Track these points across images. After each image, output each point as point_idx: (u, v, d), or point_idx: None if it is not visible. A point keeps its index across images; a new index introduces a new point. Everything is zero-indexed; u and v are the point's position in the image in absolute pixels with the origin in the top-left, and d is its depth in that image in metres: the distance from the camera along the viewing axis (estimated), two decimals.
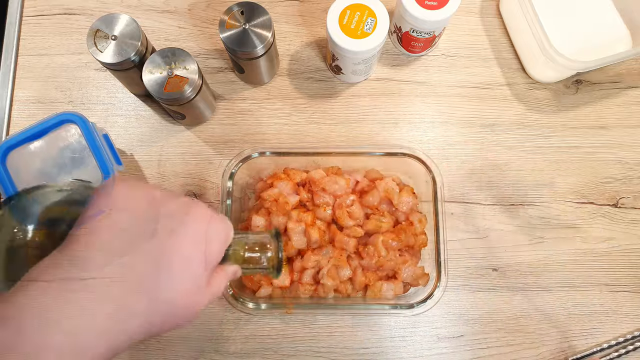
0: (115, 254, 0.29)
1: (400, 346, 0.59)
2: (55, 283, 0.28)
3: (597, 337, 0.59)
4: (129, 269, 0.29)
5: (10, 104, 0.64)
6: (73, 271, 0.28)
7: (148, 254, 0.30)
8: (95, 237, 0.30)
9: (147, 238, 0.31)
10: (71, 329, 0.27)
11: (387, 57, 0.66)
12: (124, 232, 0.30)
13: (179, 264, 0.31)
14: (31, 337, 0.26)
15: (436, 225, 0.54)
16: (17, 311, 0.26)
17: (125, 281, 0.29)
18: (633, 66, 0.66)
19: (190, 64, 0.54)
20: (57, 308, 0.27)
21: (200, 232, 0.33)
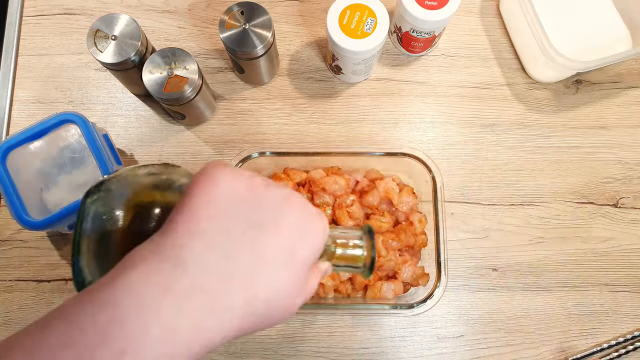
0: (216, 243, 0.27)
1: (400, 346, 0.59)
2: (155, 271, 0.26)
3: (597, 337, 0.59)
4: (228, 262, 0.27)
5: (10, 104, 0.64)
6: (173, 257, 0.26)
7: (248, 246, 0.28)
8: (195, 224, 0.28)
9: (249, 228, 0.28)
10: (169, 323, 0.25)
11: (387, 57, 0.66)
12: (224, 221, 0.28)
13: (280, 260, 0.29)
14: (129, 327, 0.24)
15: (436, 225, 0.54)
16: (116, 296, 0.25)
17: (223, 275, 0.27)
18: (633, 66, 0.66)
19: (190, 64, 0.54)
20: (156, 298, 0.25)
21: (303, 227, 0.30)
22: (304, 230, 0.30)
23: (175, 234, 0.27)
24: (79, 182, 0.53)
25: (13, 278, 0.60)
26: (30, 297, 0.59)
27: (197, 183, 0.29)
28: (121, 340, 0.24)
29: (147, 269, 0.26)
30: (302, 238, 0.30)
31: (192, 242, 0.27)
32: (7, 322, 0.59)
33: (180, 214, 0.28)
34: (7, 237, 0.61)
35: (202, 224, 0.28)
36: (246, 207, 0.29)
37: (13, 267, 0.60)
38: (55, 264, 0.60)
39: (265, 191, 0.30)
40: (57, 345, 0.23)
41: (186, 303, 0.26)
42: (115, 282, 0.26)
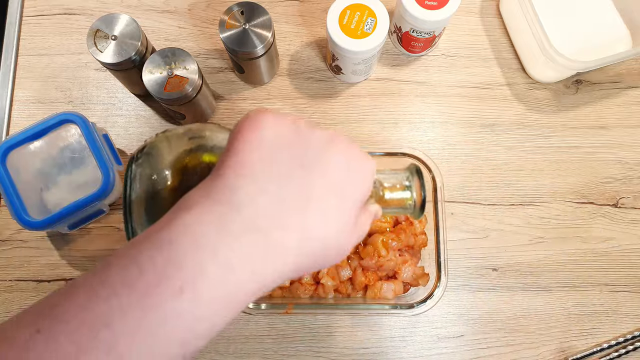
0: (267, 185, 0.27)
1: (400, 346, 0.59)
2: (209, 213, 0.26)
3: (597, 337, 0.59)
4: (279, 201, 0.27)
5: (10, 104, 0.64)
6: (226, 200, 0.27)
7: (298, 186, 0.28)
8: (245, 168, 0.28)
9: (297, 169, 0.28)
10: (225, 262, 0.25)
11: (387, 57, 0.66)
12: (274, 161, 0.28)
13: (330, 199, 0.29)
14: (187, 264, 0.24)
15: (436, 225, 0.54)
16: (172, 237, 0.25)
17: (276, 214, 0.27)
18: (633, 66, 0.66)
19: (190, 64, 0.54)
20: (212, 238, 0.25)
21: (350, 166, 0.30)
22: (352, 170, 0.30)
23: (226, 178, 0.27)
24: (79, 182, 0.53)
25: (13, 278, 0.60)
26: (30, 297, 0.59)
27: (241, 129, 0.29)
28: (178, 279, 0.24)
29: (201, 210, 0.26)
30: (350, 177, 0.30)
31: (243, 184, 0.27)
32: None
33: (228, 159, 0.28)
34: (7, 237, 0.61)
35: (251, 167, 0.28)
36: (293, 149, 0.29)
37: (13, 267, 0.60)
38: (55, 264, 0.60)
39: (310, 133, 0.30)
40: (120, 285, 0.24)
41: (241, 242, 0.26)
42: (171, 224, 0.26)
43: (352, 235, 0.31)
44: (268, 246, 0.27)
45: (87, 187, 0.53)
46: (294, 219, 0.28)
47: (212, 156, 0.32)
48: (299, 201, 0.28)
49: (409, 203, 0.36)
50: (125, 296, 0.24)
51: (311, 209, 0.28)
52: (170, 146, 0.34)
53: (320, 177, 0.29)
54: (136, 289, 0.24)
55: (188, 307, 0.24)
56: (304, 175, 0.28)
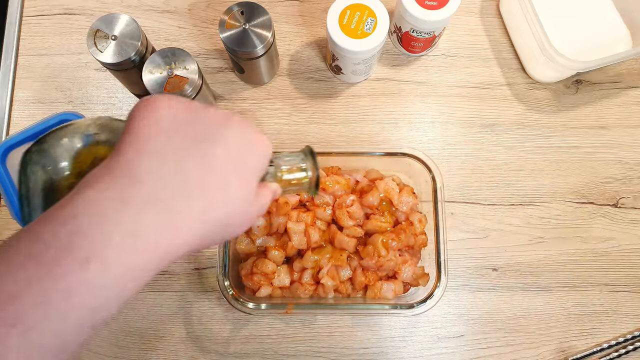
0: (166, 158, 0.29)
1: (400, 346, 0.59)
2: (110, 186, 0.27)
3: (597, 337, 0.59)
4: (181, 173, 0.29)
5: (10, 104, 0.64)
6: (127, 174, 0.27)
7: (198, 158, 0.29)
8: (143, 144, 0.29)
9: (196, 143, 0.30)
10: (130, 231, 0.26)
11: (387, 57, 0.66)
12: (171, 137, 0.29)
13: (229, 169, 0.30)
14: (92, 235, 0.25)
15: (436, 225, 0.54)
16: (75, 210, 0.26)
17: (178, 185, 0.28)
18: (633, 66, 0.66)
19: (190, 64, 0.54)
20: (116, 209, 0.26)
21: (245, 139, 0.32)
22: (249, 141, 0.32)
23: (126, 154, 0.28)
24: None
25: None
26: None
27: (138, 110, 0.30)
28: (85, 249, 0.25)
29: (104, 185, 0.27)
30: (247, 150, 0.32)
31: (143, 159, 0.28)
32: None
33: (127, 137, 0.29)
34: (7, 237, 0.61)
35: (150, 142, 0.29)
36: (190, 125, 0.30)
37: None
38: None
39: (206, 111, 0.31)
40: (26, 259, 0.24)
41: (146, 212, 0.27)
42: (73, 200, 0.26)
43: (253, 205, 0.33)
44: (172, 214, 0.28)
45: None
46: (195, 188, 0.29)
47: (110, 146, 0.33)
48: (200, 171, 0.29)
49: (304, 182, 0.38)
50: (31, 270, 0.24)
51: (212, 178, 0.30)
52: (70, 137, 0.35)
53: (219, 150, 0.30)
54: (43, 262, 0.24)
55: (95, 276, 0.25)
56: (202, 148, 0.30)
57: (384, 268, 0.54)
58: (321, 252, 0.54)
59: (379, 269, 0.55)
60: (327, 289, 0.54)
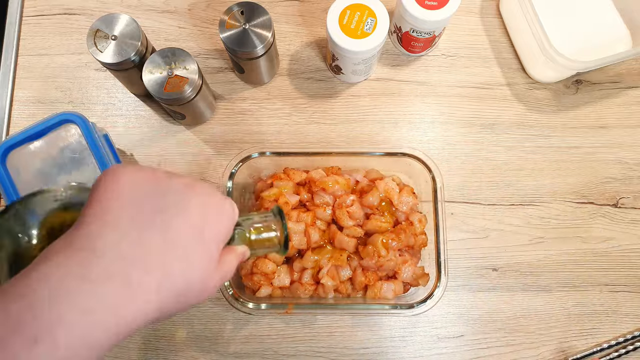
0: (127, 230, 0.29)
1: (400, 346, 0.59)
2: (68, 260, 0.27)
3: (597, 337, 0.59)
4: (141, 245, 0.29)
5: (10, 104, 0.64)
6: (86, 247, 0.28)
7: (158, 229, 0.30)
8: (106, 215, 0.29)
9: (157, 214, 0.30)
10: (84, 306, 0.26)
11: (387, 57, 0.66)
12: (132, 209, 0.30)
13: (190, 239, 0.31)
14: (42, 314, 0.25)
15: (436, 225, 0.54)
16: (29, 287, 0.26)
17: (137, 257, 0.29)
18: (633, 66, 0.66)
19: (190, 64, 0.54)
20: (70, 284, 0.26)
21: (208, 208, 0.32)
22: (210, 210, 0.32)
23: (87, 226, 0.29)
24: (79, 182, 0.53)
25: None
26: None
27: (103, 181, 0.31)
28: (33, 327, 0.24)
29: (61, 259, 0.27)
30: (208, 217, 0.32)
31: (104, 231, 0.29)
32: None
33: (90, 208, 0.30)
34: None
35: (111, 214, 0.29)
36: (151, 196, 0.31)
37: None
38: None
39: (168, 180, 0.32)
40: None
41: (102, 287, 0.27)
42: (29, 274, 0.26)
43: (214, 274, 0.32)
44: (129, 288, 0.28)
45: None
46: (154, 260, 0.29)
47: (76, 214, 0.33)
48: (159, 243, 0.29)
49: (274, 241, 0.39)
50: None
51: (171, 250, 0.30)
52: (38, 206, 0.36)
53: (180, 219, 0.31)
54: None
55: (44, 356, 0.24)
56: (163, 219, 0.30)
57: (384, 268, 0.54)
58: (321, 252, 0.54)
59: (379, 269, 0.55)
60: (327, 289, 0.54)
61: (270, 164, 0.59)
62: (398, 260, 0.54)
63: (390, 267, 0.54)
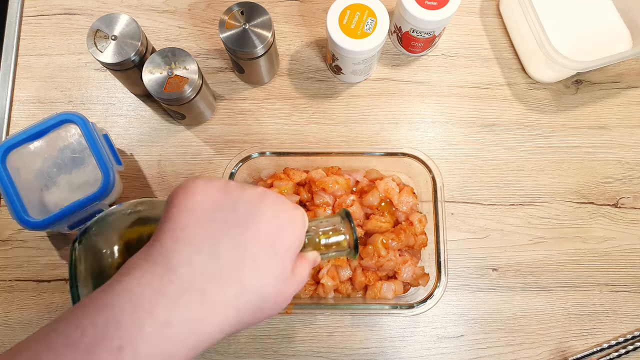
0: (201, 245, 0.30)
1: (400, 346, 0.59)
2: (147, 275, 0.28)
3: (597, 337, 0.59)
4: (215, 260, 0.30)
5: (10, 104, 0.64)
6: (163, 262, 0.29)
7: (232, 243, 0.30)
8: (180, 231, 0.30)
9: (230, 228, 0.31)
10: (162, 321, 0.27)
11: (387, 57, 0.66)
12: (207, 224, 0.30)
13: (264, 251, 0.31)
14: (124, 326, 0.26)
15: (436, 225, 0.54)
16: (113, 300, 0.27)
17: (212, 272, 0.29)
18: (633, 66, 0.66)
19: (190, 64, 0.54)
20: (149, 298, 0.27)
21: (279, 218, 0.33)
22: (282, 221, 0.33)
23: (162, 242, 0.30)
24: (79, 182, 0.53)
25: (13, 278, 0.60)
26: (30, 297, 0.59)
27: (176, 197, 0.31)
28: (118, 338, 0.26)
29: (141, 274, 0.28)
30: (280, 228, 0.32)
31: (179, 247, 0.29)
32: (6, 322, 0.59)
33: (165, 224, 0.31)
34: (7, 237, 0.61)
35: (185, 230, 0.30)
36: (224, 210, 0.31)
37: (13, 267, 0.60)
38: (55, 264, 0.60)
39: (240, 192, 0.32)
40: (61, 346, 0.26)
41: (179, 301, 0.28)
42: (112, 287, 0.28)
43: (290, 284, 0.33)
44: (206, 302, 0.29)
45: (87, 187, 0.53)
46: (229, 274, 0.30)
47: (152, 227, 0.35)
48: (234, 257, 0.30)
49: (343, 246, 0.39)
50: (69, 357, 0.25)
51: (246, 263, 0.30)
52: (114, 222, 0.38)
53: (252, 232, 0.31)
54: (78, 349, 0.25)
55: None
56: (236, 233, 0.31)
57: (384, 268, 0.54)
58: None
59: (379, 269, 0.55)
60: (327, 289, 0.54)
61: (270, 164, 0.59)
62: (398, 260, 0.54)
63: (390, 267, 0.54)
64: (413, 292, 0.57)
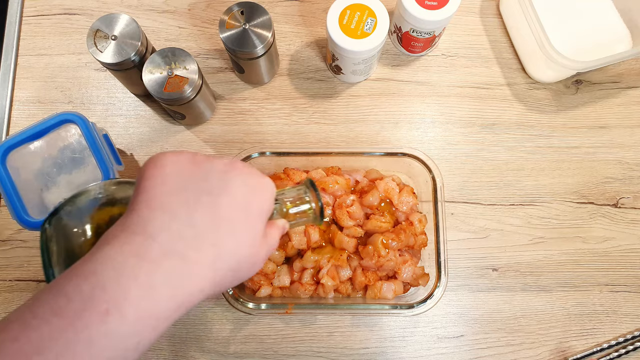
0: (177, 212, 0.31)
1: (400, 346, 0.59)
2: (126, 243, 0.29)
3: (597, 337, 0.59)
4: (191, 225, 0.31)
5: (10, 104, 0.64)
6: (141, 231, 0.30)
7: (206, 209, 0.31)
8: (153, 201, 0.31)
9: (203, 195, 0.32)
10: (146, 284, 0.28)
11: (387, 57, 0.66)
12: (179, 192, 0.32)
13: (237, 216, 0.32)
14: (109, 290, 0.27)
15: (436, 225, 0.54)
16: (96, 268, 0.28)
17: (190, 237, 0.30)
18: (633, 66, 0.66)
19: (190, 64, 0.54)
20: (132, 264, 0.28)
21: (249, 184, 0.34)
22: (253, 187, 0.34)
23: (139, 212, 0.31)
24: (79, 182, 0.53)
25: (13, 278, 0.60)
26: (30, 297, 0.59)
27: (147, 169, 0.33)
28: (104, 301, 0.27)
29: (120, 242, 0.29)
30: (252, 193, 0.34)
31: (156, 214, 0.30)
32: None
33: (138, 196, 0.32)
34: (7, 237, 0.61)
35: (160, 199, 0.31)
36: (195, 179, 0.32)
37: (13, 267, 0.60)
38: None
39: (209, 163, 0.34)
40: (49, 313, 0.26)
41: (160, 265, 0.29)
42: (94, 257, 0.29)
43: (262, 247, 0.34)
44: (185, 266, 0.30)
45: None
46: (207, 238, 0.31)
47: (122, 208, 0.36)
48: (209, 222, 0.31)
49: (310, 212, 0.41)
50: (55, 323, 0.26)
51: (221, 227, 0.32)
52: (84, 203, 0.38)
53: (225, 199, 0.32)
54: (65, 315, 0.26)
55: (115, 327, 0.27)
56: (210, 200, 0.32)
57: (384, 268, 0.54)
58: (321, 252, 0.54)
59: (379, 269, 0.55)
60: (327, 289, 0.54)
61: (270, 164, 0.59)
62: (398, 260, 0.54)
63: (390, 267, 0.54)
64: (413, 292, 0.57)
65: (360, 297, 0.56)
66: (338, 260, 0.54)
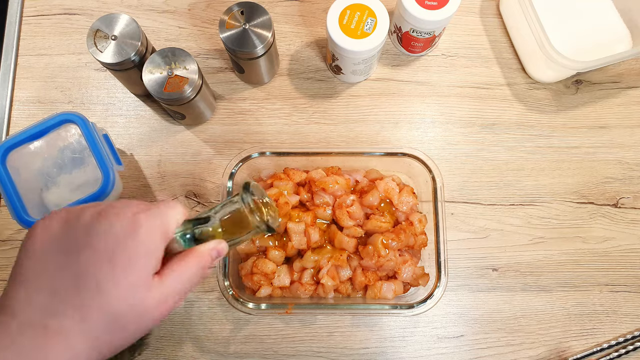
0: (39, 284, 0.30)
1: (400, 346, 0.59)
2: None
3: (597, 337, 0.59)
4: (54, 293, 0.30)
5: (10, 104, 0.64)
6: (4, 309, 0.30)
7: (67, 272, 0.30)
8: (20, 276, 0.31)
9: (64, 258, 0.30)
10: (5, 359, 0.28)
11: (387, 57, 0.66)
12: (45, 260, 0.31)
13: (99, 270, 0.30)
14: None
15: (436, 225, 0.54)
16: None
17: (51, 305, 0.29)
18: (633, 66, 0.66)
19: (190, 64, 0.54)
20: None
21: (114, 230, 0.31)
22: (118, 232, 0.31)
23: (7, 289, 0.31)
24: (79, 182, 0.53)
25: None
26: None
27: (24, 239, 0.32)
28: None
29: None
30: (118, 239, 0.31)
31: (18, 290, 0.30)
32: None
33: (12, 270, 0.32)
34: (7, 237, 0.61)
35: (25, 273, 0.31)
36: (60, 240, 0.31)
37: None
38: None
39: (77, 217, 0.32)
40: None
41: (18, 341, 0.28)
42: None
43: (149, 293, 0.31)
44: (47, 336, 0.29)
45: (87, 187, 0.53)
46: (69, 303, 0.29)
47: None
48: (70, 285, 0.30)
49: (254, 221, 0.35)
50: None
51: (84, 287, 0.30)
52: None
53: (85, 254, 0.30)
54: None
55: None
56: (69, 260, 0.30)
57: (384, 268, 0.54)
58: (321, 252, 0.54)
59: (379, 269, 0.55)
60: (327, 289, 0.54)
61: (270, 164, 0.59)
62: (398, 260, 0.54)
63: (390, 267, 0.54)
64: (413, 292, 0.57)
65: (360, 297, 0.56)
66: (338, 260, 0.54)
